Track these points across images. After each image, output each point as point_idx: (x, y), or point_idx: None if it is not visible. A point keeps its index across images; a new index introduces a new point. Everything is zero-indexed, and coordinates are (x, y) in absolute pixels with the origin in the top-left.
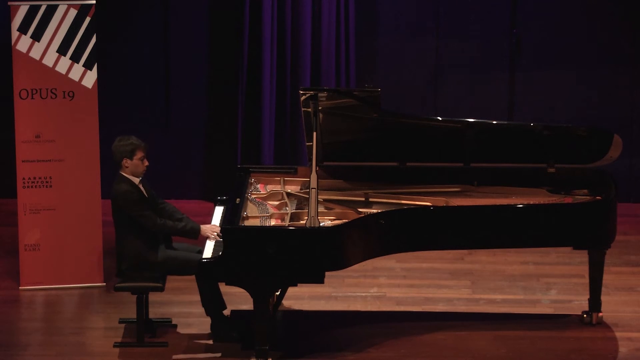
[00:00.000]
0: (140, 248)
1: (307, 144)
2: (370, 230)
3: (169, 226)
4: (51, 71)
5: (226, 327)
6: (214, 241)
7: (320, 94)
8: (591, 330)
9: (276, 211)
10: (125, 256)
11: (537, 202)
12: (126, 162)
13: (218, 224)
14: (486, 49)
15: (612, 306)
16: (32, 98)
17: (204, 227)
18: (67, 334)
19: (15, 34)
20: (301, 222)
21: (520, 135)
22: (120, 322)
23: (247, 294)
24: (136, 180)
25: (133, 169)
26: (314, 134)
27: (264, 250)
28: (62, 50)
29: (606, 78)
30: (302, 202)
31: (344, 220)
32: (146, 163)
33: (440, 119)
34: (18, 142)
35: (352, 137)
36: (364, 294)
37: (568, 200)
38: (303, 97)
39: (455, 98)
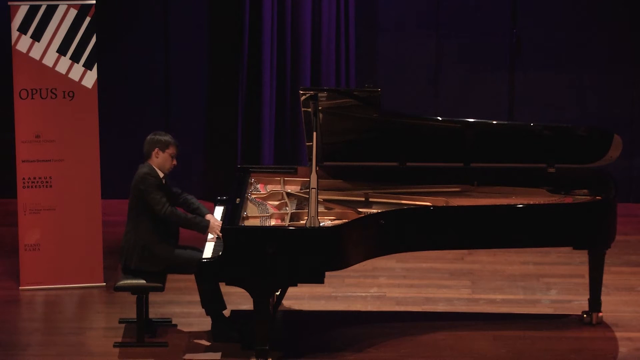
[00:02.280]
0: (150, 239)
1: (307, 144)
2: (370, 230)
3: (178, 215)
4: (51, 71)
5: (226, 327)
6: (214, 241)
7: (320, 94)
8: (591, 330)
9: (276, 211)
10: (133, 246)
11: (537, 202)
12: (157, 153)
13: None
14: (486, 49)
15: (612, 306)
16: (32, 98)
17: (212, 225)
18: (67, 334)
19: (15, 34)
20: (301, 222)
21: (520, 135)
22: (120, 322)
23: (247, 294)
24: (160, 173)
25: (161, 162)
26: (314, 134)
27: (264, 250)
28: (62, 50)
29: (606, 78)
30: (302, 202)
31: (344, 220)
32: (174, 162)
33: (440, 119)
34: (18, 142)
35: (352, 137)
36: (364, 294)
37: (568, 200)
38: (303, 97)
39: (455, 98)
